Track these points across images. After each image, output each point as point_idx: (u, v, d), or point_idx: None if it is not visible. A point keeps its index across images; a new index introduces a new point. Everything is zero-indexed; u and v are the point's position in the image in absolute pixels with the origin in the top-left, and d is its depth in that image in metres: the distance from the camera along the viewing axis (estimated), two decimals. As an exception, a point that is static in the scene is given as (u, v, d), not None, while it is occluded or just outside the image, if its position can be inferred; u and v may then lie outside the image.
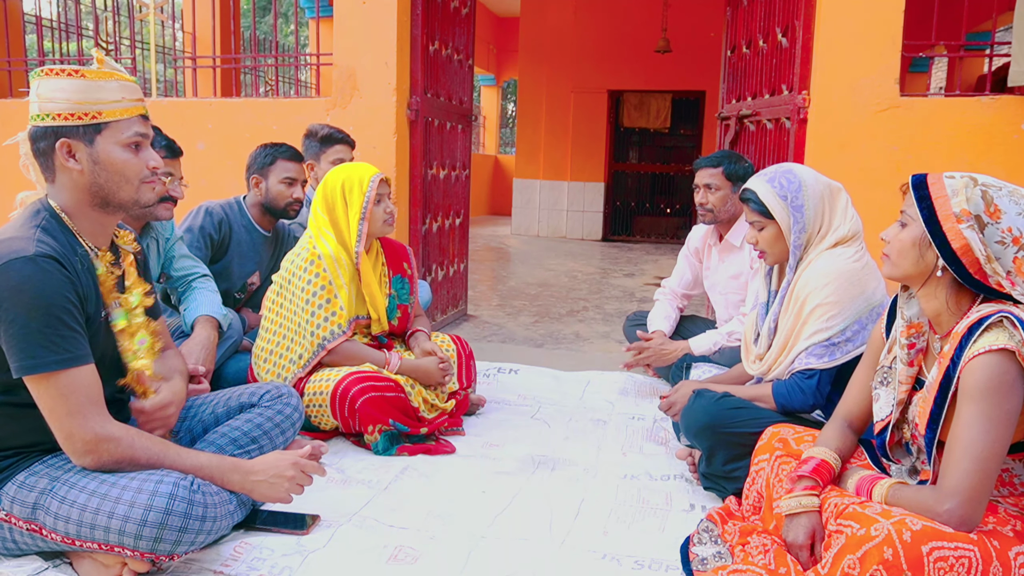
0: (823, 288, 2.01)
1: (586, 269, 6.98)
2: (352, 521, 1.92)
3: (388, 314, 2.65)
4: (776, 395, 2.09)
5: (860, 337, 2.01)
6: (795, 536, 1.57)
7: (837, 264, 2.02)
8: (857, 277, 2.01)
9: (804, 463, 1.64)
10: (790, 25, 3.36)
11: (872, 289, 2.03)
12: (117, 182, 1.59)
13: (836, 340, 2.01)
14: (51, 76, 1.56)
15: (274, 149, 2.92)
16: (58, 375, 1.48)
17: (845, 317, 2.00)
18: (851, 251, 2.06)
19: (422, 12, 3.75)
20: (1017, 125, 3.04)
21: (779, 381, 2.11)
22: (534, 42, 9.40)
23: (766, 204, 2.09)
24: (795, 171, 2.12)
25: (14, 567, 1.61)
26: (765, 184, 2.11)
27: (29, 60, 4.87)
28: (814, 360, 2.02)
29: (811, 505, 1.58)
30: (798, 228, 2.07)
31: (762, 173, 2.16)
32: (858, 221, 2.12)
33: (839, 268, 2.01)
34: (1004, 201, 1.42)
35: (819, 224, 2.09)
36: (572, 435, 2.63)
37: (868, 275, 2.04)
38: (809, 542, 1.56)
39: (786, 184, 2.09)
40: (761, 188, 2.11)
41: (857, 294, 2.00)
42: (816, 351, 2.02)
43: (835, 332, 2.00)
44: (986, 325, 1.39)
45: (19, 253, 1.47)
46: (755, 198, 2.12)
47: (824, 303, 2.00)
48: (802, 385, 2.05)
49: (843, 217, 2.10)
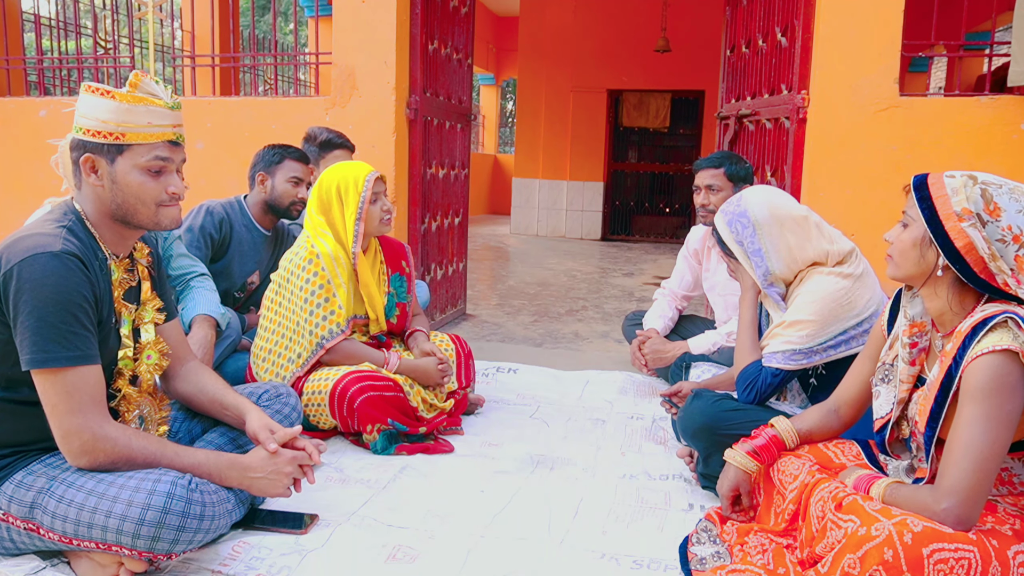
0: (808, 304, 2.02)
1: (585, 268, 6.98)
2: (351, 520, 1.91)
3: (386, 313, 2.65)
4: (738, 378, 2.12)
5: (844, 346, 2.01)
6: (719, 485, 1.85)
7: (826, 284, 2.02)
8: (847, 299, 2.01)
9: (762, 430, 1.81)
10: (790, 25, 3.36)
11: (863, 304, 2.02)
12: (133, 204, 1.63)
13: (815, 348, 2.02)
14: (89, 92, 1.60)
15: (283, 149, 2.93)
16: (66, 371, 1.50)
17: (824, 336, 2.00)
18: (844, 266, 2.05)
19: (421, 11, 3.75)
20: (1017, 125, 3.04)
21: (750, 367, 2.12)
22: (533, 41, 9.40)
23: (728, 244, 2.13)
24: (748, 213, 2.09)
25: (11, 566, 1.61)
26: (724, 225, 2.14)
27: (27, 59, 4.87)
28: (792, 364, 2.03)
29: (744, 464, 1.79)
30: (761, 271, 2.09)
31: (724, 207, 2.17)
32: (842, 239, 2.11)
33: (827, 288, 2.01)
34: (1004, 199, 1.42)
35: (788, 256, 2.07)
36: (571, 434, 2.63)
37: (859, 291, 2.03)
38: (731, 494, 1.82)
39: (740, 230, 2.10)
40: (722, 228, 2.14)
41: (843, 314, 2.00)
42: (795, 357, 2.02)
43: (812, 346, 2.01)
44: (991, 325, 1.39)
45: (45, 248, 1.50)
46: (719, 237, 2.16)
47: (804, 320, 2.01)
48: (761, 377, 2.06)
49: (820, 240, 2.08)
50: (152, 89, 1.63)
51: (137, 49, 4.92)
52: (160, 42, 5.38)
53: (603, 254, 8.19)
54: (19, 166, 4.28)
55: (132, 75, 1.62)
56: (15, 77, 4.70)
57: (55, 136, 1.76)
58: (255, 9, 4.02)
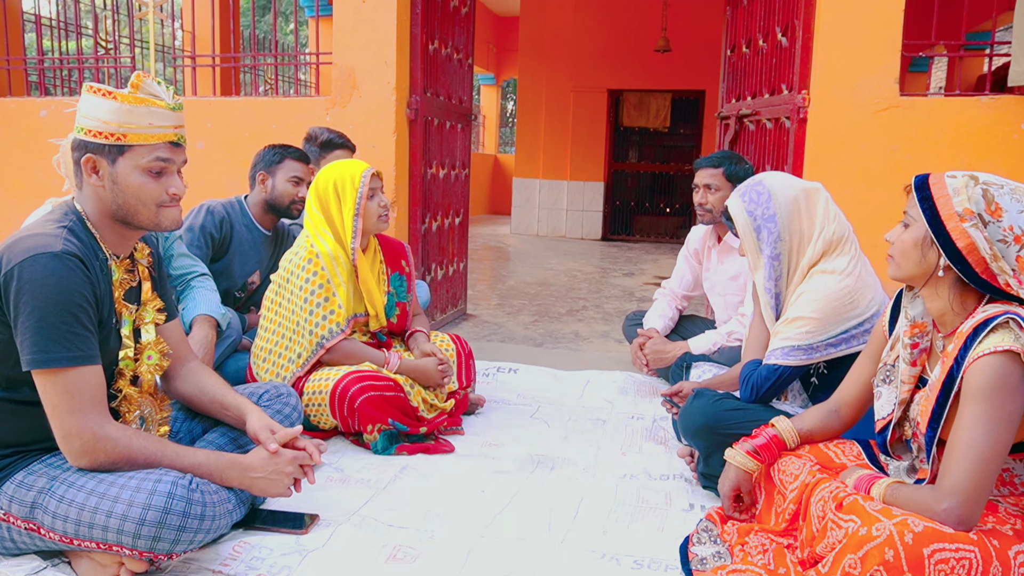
0: (811, 303, 2.02)
1: (585, 268, 6.98)
2: (351, 520, 1.91)
3: (387, 312, 2.65)
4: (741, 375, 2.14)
5: (845, 344, 2.01)
6: (720, 484, 1.84)
7: (829, 283, 2.03)
8: (849, 298, 2.01)
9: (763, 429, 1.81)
10: (790, 25, 3.36)
11: (866, 304, 2.02)
12: (133, 204, 1.63)
13: (815, 346, 2.02)
14: (91, 93, 1.60)
15: (283, 148, 2.94)
16: (67, 372, 1.50)
17: (825, 333, 2.01)
18: (843, 262, 2.05)
19: (422, 11, 3.75)
20: (1017, 125, 3.04)
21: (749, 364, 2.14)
22: (534, 41, 9.40)
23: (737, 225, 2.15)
24: (764, 182, 2.14)
25: (12, 566, 1.61)
26: (737, 199, 2.16)
27: (28, 59, 4.87)
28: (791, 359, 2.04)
29: (744, 463, 1.79)
30: (772, 239, 2.09)
31: (737, 189, 2.20)
32: (843, 221, 2.12)
33: (831, 287, 2.02)
34: (1005, 199, 1.41)
35: (798, 231, 2.09)
36: (571, 434, 2.63)
37: (861, 291, 2.03)
38: (732, 494, 1.82)
39: (755, 197, 2.12)
40: (734, 205, 2.16)
41: (845, 313, 2.01)
42: (794, 353, 2.03)
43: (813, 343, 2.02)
44: (992, 326, 1.38)
45: (46, 248, 1.51)
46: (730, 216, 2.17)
47: (806, 318, 2.02)
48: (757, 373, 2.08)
49: (825, 219, 2.10)
50: (154, 90, 1.63)
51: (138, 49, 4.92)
52: (161, 42, 5.38)
53: (603, 254, 8.19)
54: (19, 166, 4.28)
55: (134, 76, 1.62)
56: (16, 77, 4.70)
57: (56, 136, 1.76)
58: (255, 9, 4.01)
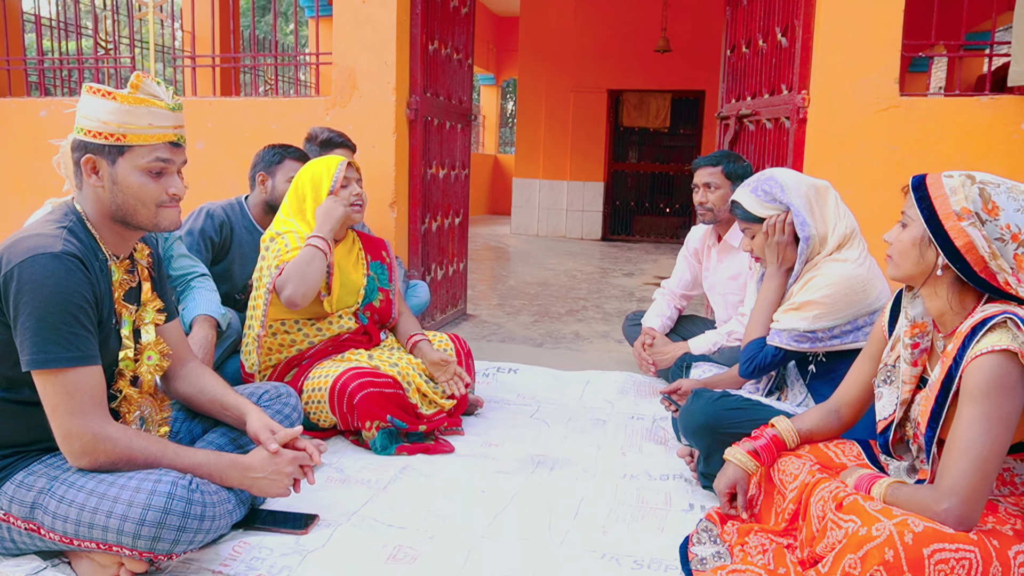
0: (822, 288, 2.04)
1: (585, 268, 6.98)
2: (351, 521, 1.92)
3: (368, 294, 2.69)
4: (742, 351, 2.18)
5: (851, 336, 2.03)
6: (717, 482, 1.83)
7: (842, 270, 2.04)
8: (861, 285, 2.03)
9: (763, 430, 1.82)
10: (790, 25, 3.36)
11: (876, 294, 2.04)
12: (133, 205, 1.63)
13: (820, 335, 2.05)
14: (90, 93, 1.60)
15: (283, 149, 2.94)
16: (67, 372, 1.50)
17: (833, 319, 2.03)
18: (855, 253, 2.07)
19: (422, 11, 3.75)
20: (1017, 125, 3.04)
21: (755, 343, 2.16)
22: (534, 41, 9.40)
23: (751, 211, 2.15)
24: (776, 176, 2.17)
25: (12, 567, 1.61)
26: (748, 193, 2.18)
27: (28, 59, 4.87)
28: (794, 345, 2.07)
29: (744, 463, 1.79)
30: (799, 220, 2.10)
31: (745, 183, 2.23)
32: (851, 217, 2.14)
33: (843, 274, 2.04)
34: (1002, 198, 1.42)
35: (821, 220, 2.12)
36: (571, 435, 2.63)
37: (872, 280, 2.05)
38: (728, 491, 1.80)
39: (769, 189, 2.14)
40: (745, 196, 2.18)
41: (856, 301, 2.03)
42: (798, 339, 2.06)
43: (818, 328, 2.04)
44: (990, 325, 1.39)
45: (46, 249, 1.51)
46: (741, 206, 2.18)
47: (815, 302, 2.04)
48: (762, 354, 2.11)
49: (836, 215, 2.12)
50: (153, 90, 1.63)
51: (137, 49, 4.92)
52: (160, 42, 5.38)
53: (603, 254, 8.19)
54: (19, 166, 4.29)
55: (133, 76, 1.62)
56: (16, 77, 4.70)
57: (56, 137, 1.76)
58: (255, 9, 4.01)
